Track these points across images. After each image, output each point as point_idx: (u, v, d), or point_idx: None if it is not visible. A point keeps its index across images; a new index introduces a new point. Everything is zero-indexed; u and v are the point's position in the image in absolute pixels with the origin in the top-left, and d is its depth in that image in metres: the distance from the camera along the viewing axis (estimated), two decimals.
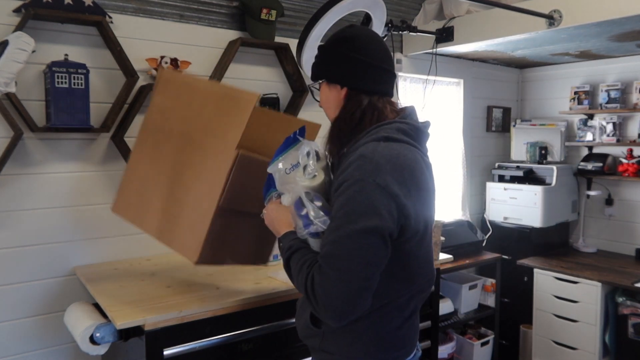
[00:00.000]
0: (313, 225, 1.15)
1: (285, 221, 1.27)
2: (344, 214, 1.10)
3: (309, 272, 1.13)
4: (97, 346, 1.68)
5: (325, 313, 1.10)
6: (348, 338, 1.23)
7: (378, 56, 1.27)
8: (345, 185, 1.12)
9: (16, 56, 1.72)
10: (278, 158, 1.30)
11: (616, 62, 3.44)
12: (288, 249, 1.21)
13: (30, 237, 2.04)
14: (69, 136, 2.10)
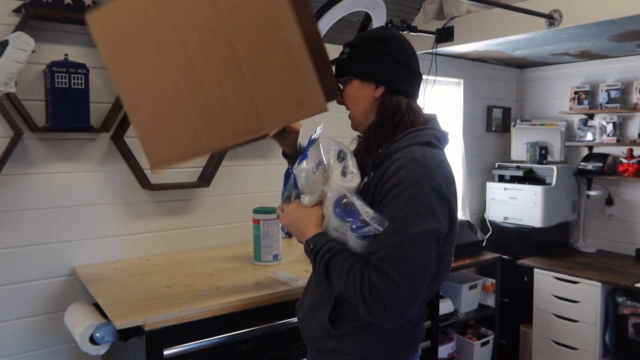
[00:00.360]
0: (367, 227, 1.10)
1: (312, 222, 1.23)
2: (403, 216, 1.09)
3: (362, 274, 1.10)
4: (97, 346, 1.68)
5: (386, 315, 1.08)
6: (367, 338, 1.23)
7: (414, 59, 1.30)
8: (400, 187, 1.11)
9: (16, 56, 1.72)
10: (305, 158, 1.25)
11: (616, 62, 3.44)
12: (328, 251, 1.16)
13: (30, 237, 2.04)
14: (69, 136, 2.10)
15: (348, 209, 1.14)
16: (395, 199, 1.11)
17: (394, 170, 1.14)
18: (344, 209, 1.15)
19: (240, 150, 2.55)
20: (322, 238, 1.19)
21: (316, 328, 1.29)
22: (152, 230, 2.33)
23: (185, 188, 2.38)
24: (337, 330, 1.24)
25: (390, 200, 1.12)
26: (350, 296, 1.12)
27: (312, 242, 1.20)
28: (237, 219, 2.56)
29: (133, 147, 2.20)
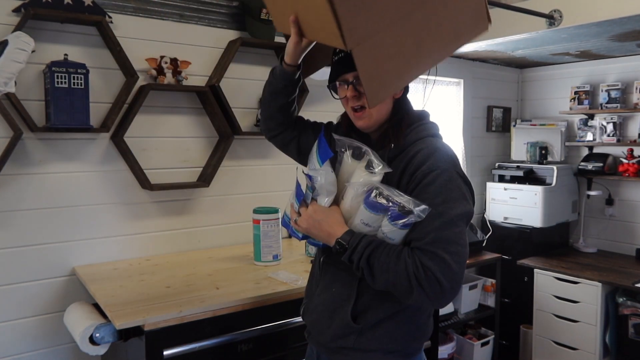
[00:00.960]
0: (409, 215, 1.12)
1: (336, 221, 1.21)
2: (442, 201, 1.14)
3: (413, 260, 1.11)
4: (96, 346, 1.68)
5: (443, 294, 1.10)
6: (389, 331, 1.25)
7: None
8: (433, 175, 1.16)
9: (16, 56, 1.72)
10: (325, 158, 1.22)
11: (616, 62, 3.44)
12: (367, 245, 1.15)
13: (30, 237, 2.04)
14: (68, 136, 2.10)
15: (382, 200, 1.15)
16: (430, 186, 1.16)
17: (422, 159, 1.19)
18: (377, 201, 1.15)
19: (240, 150, 2.55)
20: (354, 235, 1.18)
21: (336, 327, 1.28)
22: (152, 230, 2.33)
23: (185, 188, 2.38)
24: (358, 326, 1.25)
25: (425, 187, 1.16)
26: (401, 284, 1.12)
27: (344, 241, 1.18)
28: (237, 219, 2.56)
29: (133, 147, 2.20)
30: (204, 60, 2.40)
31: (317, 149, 1.25)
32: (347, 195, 1.21)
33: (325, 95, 2.81)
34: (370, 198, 1.16)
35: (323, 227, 1.22)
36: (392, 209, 1.13)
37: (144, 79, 2.23)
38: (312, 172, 1.23)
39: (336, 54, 1.27)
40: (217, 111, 2.35)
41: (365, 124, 1.28)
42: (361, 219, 1.18)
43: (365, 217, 1.17)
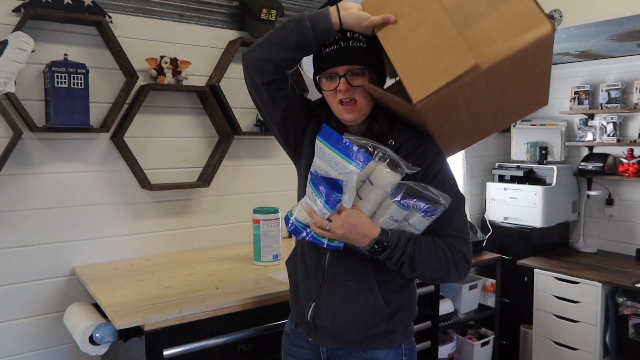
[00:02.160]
0: (439, 205, 1.20)
1: (369, 222, 1.22)
2: (455, 192, 1.28)
3: (449, 247, 1.26)
4: (96, 346, 1.68)
5: (468, 271, 1.30)
6: (407, 305, 1.37)
7: None
8: (443, 168, 1.29)
9: (16, 56, 1.72)
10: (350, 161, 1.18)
11: (617, 62, 3.44)
12: (408, 241, 1.21)
13: (30, 237, 2.04)
14: (68, 136, 2.10)
15: (413, 196, 1.20)
16: (444, 178, 1.28)
17: (432, 155, 1.29)
18: (408, 197, 1.20)
19: (240, 150, 2.55)
20: (391, 233, 1.22)
21: (366, 318, 1.31)
22: (152, 230, 2.33)
23: (185, 188, 2.38)
24: (389, 310, 1.32)
25: (442, 179, 1.28)
26: (441, 270, 1.24)
27: (384, 240, 1.20)
28: (237, 219, 2.55)
29: (133, 147, 2.20)
30: (204, 60, 2.40)
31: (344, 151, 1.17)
32: (372, 195, 1.22)
33: None
34: (401, 196, 1.20)
35: (360, 230, 1.21)
36: (423, 203, 1.20)
37: (143, 79, 2.23)
38: (344, 176, 1.18)
39: (327, 45, 1.25)
40: (217, 111, 2.35)
41: (354, 117, 1.29)
42: (390, 216, 1.22)
43: (395, 213, 1.22)
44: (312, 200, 1.23)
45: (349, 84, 1.25)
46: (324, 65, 1.27)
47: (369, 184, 1.21)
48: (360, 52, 1.24)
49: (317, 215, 1.21)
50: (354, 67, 1.24)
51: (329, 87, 1.29)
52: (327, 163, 1.20)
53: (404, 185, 1.20)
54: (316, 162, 1.22)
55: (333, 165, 1.18)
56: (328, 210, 1.20)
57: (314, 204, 1.22)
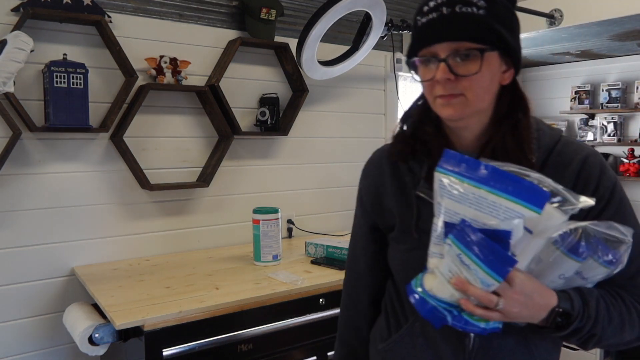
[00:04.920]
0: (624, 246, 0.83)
1: (543, 286, 0.84)
2: (636, 220, 0.93)
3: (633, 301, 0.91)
4: (96, 347, 1.67)
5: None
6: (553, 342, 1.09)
7: None
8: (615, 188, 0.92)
9: (15, 55, 1.72)
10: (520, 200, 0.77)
11: (617, 62, 3.44)
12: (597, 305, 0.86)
13: (29, 237, 2.04)
14: (67, 136, 2.10)
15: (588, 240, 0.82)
16: (619, 203, 0.91)
17: (596, 167, 0.91)
18: (585, 244, 0.82)
19: (240, 150, 2.54)
20: (573, 297, 0.86)
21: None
22: (152, 230, 2.32)
23: (185, 188, 2.37)
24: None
25: (617, 205, 0.91)
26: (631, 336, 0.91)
27: (568, 309, 0.84)
28: (237, 219, 2.55)
29: (132, 147, 2.19)
30: (203, 60, 2.40)
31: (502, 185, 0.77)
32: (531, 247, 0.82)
33: (325, 95, 2.81)
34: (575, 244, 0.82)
35: (536, 301, 0.82)
36: (606, 250, 0.83)
37: (143, 79, 2.23)
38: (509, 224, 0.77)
39: (423, 13, 0.88)
40: (216, 111, 2.35)
41: (455, 112, 0.88)
42: (561, 273, 0.85)
43: (567, 269, 0.84)
44: (459, 265, 0.79)
45: (451, 72, 0.85)
46: (417, 42, 0.89)
47: (526, 232, 0.80)
48: (474, 22, 0.84)
49: (477, 288, 0.78)
50: (463, 45, 0.84)
51: (424, 76, 0.90)
52: (473, 206, 0.78)
53: (577, 227, 0.82)
54: (447, 206, 0.80)
55: (486, 209, 0.77)
56: (496, 279, 0.77)
57: (466, 272, 0.79)
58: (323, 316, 1.87)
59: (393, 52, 2.99)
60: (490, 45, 0.85)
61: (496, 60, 0.87)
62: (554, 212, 0.79)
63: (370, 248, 1.12)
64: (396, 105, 3.09)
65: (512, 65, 0.90)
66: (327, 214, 2.84)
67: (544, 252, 0.83)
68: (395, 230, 1.02)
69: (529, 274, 0.83)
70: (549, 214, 0.78)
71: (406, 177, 1.00)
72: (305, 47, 2.39)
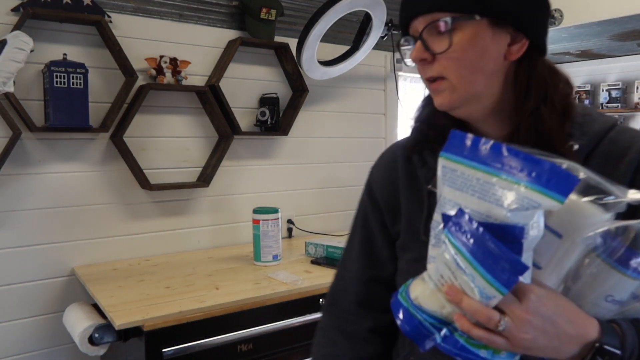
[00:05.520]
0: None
1: (576, 310, 0.62)
2: None
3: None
4: (96, 347, 1.67)
5: None
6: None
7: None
8: None
9: (15, 55, 1.71)
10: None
11: (617, 62, 3.44)
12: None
13: (29, 237, 2.04)
14: (67, 136, 2.10)
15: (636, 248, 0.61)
16: None
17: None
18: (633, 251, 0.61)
19: (240, 150, 2.54)
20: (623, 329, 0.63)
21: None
22: (152, 230, 2.32)
23: (185, 188, 2.37)
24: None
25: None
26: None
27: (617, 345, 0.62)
28: (237, 219, 2.55)
29: (132, 147, 2.19)
30: (203, 60, 2.40)
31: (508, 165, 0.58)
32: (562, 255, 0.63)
33: (325, 95, 2.81)
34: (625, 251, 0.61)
35: (562, 329, 0.60)
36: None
37: (143, 79, 2.23)
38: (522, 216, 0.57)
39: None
40: (216, 111, 2.35)
41: (444, 101, 0.75)
42: (608, 294, 0.63)
43: (616, 286, 0.62)
44: (454, 269, 0.60)
45: (426, 49, 0.72)
46: (400, 21, 0.78)
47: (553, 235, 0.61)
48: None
49: (473, 301, 0.58)
50: (436, 17, 0.71)
51: (410, 57, 0.76)
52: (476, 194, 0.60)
53: (627, 227, 0.61)
54: (447, 195, 0.63)
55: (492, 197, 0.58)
56: (498, 290, 0.57)
57: (460, 279, 0.59)
58: None
59: (393, 52, 2.99)
60: (464, 13, 0.69)
61: (485, 29, 0.70)
62: (590, 207, 0.59)
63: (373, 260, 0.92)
64: (396, 105, 3.09)
65: (525, 34, 0.71)
66: (327, 214, 2.84)
67: (581, 263, 0.62)
68: (401, 236, 0.87)
69: (555, 291, 0.62)
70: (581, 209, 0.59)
71: (419, 170, 0.83)
72: (305, 47, 2.39)
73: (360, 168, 2.94)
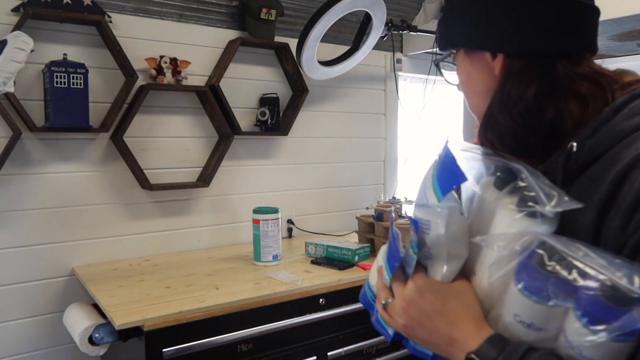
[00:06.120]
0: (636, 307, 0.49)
1: (468, 314, 0.62)
2: None
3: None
4: (96, 347, 1.68)
5: None
6: None
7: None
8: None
9: (15, 56, 1.72)
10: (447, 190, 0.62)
11: (617, 62, 3.43)
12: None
13: (29, 238, 2.04)
14: (68, 136, 2.10)
15: (560, 272, 0.54)
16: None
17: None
18: (547, 274, 0.54)
19: (240, 150, 2.54)
20: (507, 348, 0.58)
21: None
22: (152, 230, 2.32)
23: (185, 188, 2.38)
24: None
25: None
26: None
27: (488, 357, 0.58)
28: (237, 219, 2.55)
29: (132, 147, 2.19)
30: (203, 60, 2.40)
31: (436, 170, 0.66)
32: (484, 261, 0.63)
33: (325, 95, 2.81)
34: (529, 269, 0.55)
35: (437, 326, 0.63)
36: (590, 294, 0.51)
37: (143, 79, 2.23)
38: (422, 212, 0.65)
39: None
40: (216, 111, 2.35)
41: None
42: (515, 312, 0.58)
43: (523, 309, 0.57)
44: (381, 255, 0.75)
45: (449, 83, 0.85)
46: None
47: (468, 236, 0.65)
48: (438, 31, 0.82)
49: (380, 278, 0.71)
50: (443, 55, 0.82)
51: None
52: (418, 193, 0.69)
53: (542, 243, 0.56)
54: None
55: (420, 196, 0.67)
56: (387, 270, 0.70)
57: (382, 263, 0.73)
58: (323, 316, 1.87)
59: (393, 52, 2.99)
60: (447, 50, 0.80)
61: (463, 57, 0.77)
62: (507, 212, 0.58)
63: None
64: (396, 105, 3.09)
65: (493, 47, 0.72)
66: (327, 214, 2.84)
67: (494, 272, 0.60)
68: None
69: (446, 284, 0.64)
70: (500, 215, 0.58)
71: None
72: (305, 47, 2.39)
73: (360, 168, 2.95)
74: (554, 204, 0.57)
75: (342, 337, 1.94)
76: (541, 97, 0.69)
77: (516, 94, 0.70)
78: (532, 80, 0.69)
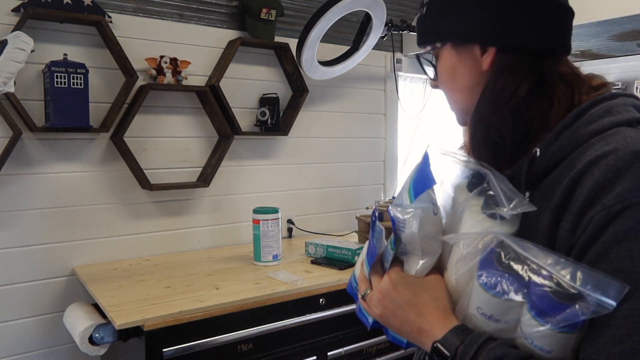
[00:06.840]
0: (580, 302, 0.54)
1: (436, 306, 0.68)
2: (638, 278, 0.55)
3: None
4: (96, 347, 1.68)
5: None
6: None
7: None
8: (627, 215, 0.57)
9: (15, 56, 1.72)
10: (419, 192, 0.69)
11: (617, 62, 3.44)
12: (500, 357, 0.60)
13: (29, 238, 2.04)
14: (68, 136, 2.10)
15: (515, 268, 0.60)
16: (625, 241, 0.56)
17: (601, 180, 0.59)
18: (504, 272, 0.60)
19: (240, 150, 2.55)
20: (468, 337, 0.63)
21: None
22: (152, 230, 2.32)
23: (185, 188, 2.38)
24: None
25: (612, 242, 0.57)
26: None
27: (447, 347, 0.63)
28: (237, 219, 2.55)
29: (132, 147, 2.19)
30: (203, 60, 2.40)
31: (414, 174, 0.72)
32: (453, 258, 0.69)
33: (325, 95, 2.81)
34: (489, 265, 0.62)
35: (408, 316, 0.69)
36: (539, 289, 0.57)
37: (143, 79, 2.23)
38: (398, 211, 0.70)
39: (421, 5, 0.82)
40: (216, 111, 2.35)
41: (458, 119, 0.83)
42: (477, 305, 0.63)
43: (483, 302, 0.63)
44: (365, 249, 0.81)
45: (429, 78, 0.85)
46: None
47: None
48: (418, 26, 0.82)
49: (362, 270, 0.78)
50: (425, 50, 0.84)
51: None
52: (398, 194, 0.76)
53: (500, 243, 0.62)
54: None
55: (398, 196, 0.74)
56: (367, 264, 0.77)
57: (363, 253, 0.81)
58: (323, 316, 1.87)
59: (393, 52, 2.99)
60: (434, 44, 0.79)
61: (449, 52, 0.77)
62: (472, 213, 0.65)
63: None
64: (396, 105, 3.09)
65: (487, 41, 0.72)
66: (327, 214, 2.84)
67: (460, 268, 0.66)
68: None
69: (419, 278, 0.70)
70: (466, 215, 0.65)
71: None
72: (305, 47, 2.39)
73: (360, 168, 2.95)
74: (512, 206, 0.64)
75: (342, 337, 1.94)
76: (531, 95, 0.70)
77: (509, 91, 0.71)
78: (523, 77, 0.70)
